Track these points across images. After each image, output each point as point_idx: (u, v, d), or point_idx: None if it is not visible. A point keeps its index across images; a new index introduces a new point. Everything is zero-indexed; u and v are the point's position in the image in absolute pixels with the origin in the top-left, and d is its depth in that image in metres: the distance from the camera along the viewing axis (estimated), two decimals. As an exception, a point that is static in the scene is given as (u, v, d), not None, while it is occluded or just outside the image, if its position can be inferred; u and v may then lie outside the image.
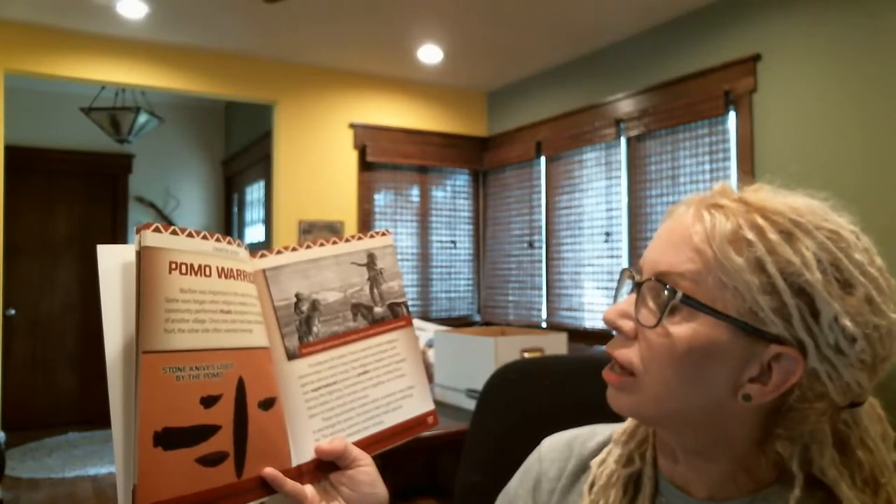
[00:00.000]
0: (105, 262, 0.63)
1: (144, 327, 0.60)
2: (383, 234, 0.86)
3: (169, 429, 0.60)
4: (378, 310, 0.83)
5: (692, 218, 0.62)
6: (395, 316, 0.84)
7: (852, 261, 0.58)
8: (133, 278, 0.62)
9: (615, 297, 0.70)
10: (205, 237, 0.67)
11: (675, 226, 0.64)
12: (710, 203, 0.62)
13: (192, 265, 0.65)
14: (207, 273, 0.66)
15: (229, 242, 0.70)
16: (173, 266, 0.63)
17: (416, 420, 0.83)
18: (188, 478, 0.60)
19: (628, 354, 0.64)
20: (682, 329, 0.60)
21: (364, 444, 0.76)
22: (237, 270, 0.70)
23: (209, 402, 0.63)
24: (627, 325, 0.65)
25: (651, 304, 0.63)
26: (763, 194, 0.63)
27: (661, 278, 0.62)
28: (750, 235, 0.58)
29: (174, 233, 0.64)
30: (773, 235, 0.58)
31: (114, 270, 0.64)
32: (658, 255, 0.64)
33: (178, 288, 0.63)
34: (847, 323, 0.56)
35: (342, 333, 0.79)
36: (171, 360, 0.61)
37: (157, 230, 0.63)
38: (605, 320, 0.66)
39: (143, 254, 0.62)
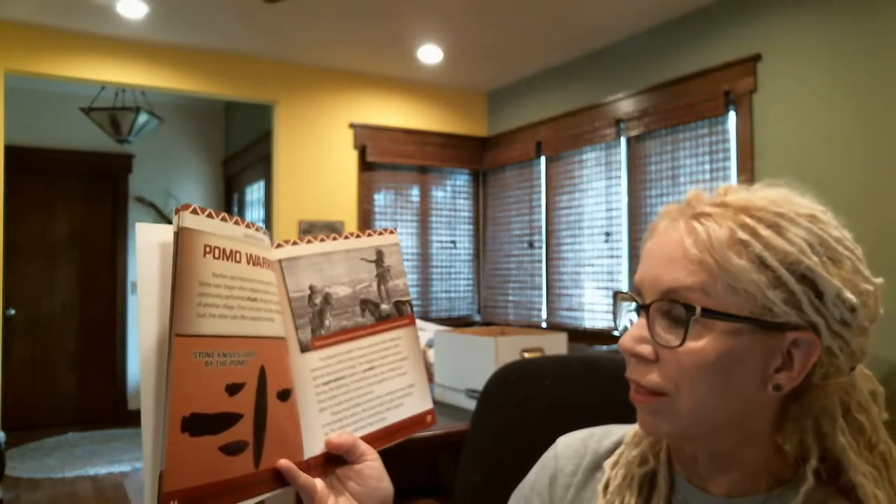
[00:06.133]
0: (142, 239, 0.63)
1: (178, 310, 0.60)
2: (391, 233, 0.87)
3: (196, 415, 0.59)
4: (384, 307, 0.83)
5: (683, 231, 0.62)
6: (400, 314, 0.85)
7: (834, 237, 0.61)
8: (167, 259, 0.62)
9: (615, 321, 0.71)
10: (237, 222, 0.67)
11: (664, 241, 0.64)
12: (695, 213, 0.63)
13: (224, 250, 0.64)
14: (237, 259, 0.66)
15: (257, 229, 0.70)
16: (207, 249, 0.63)
17: (416, 418, 0.83)
18: (211, 466, 0.60)
19: (654, 379, 0.64)
20: (704, 342, 0.61)
21: (367, 440, 0.76)
22: (263, 258, 0.70)
23: (234, 389, 0.63)
24: (646, 349, 0.64)
25: (665, 323, 0.63)
26: (737, 194, 0.64)
27: (671, 296, 0.62)
28: (744, 236, 0.60)
29: (210, 216, 0.64)
30: (764, 231, 0.60)
31: (149, 249, 0.63)
32: (657, 273, 0.64)
33: (211, 272, 0.63)
34: (848, 295, 0.59)
35: (351, 328, 0.79)
36: (202, 344, 0.61)
37: (194, 212, 0.62)
38: (624, 349, 0.66)
39: (180, 235, 0.61)
